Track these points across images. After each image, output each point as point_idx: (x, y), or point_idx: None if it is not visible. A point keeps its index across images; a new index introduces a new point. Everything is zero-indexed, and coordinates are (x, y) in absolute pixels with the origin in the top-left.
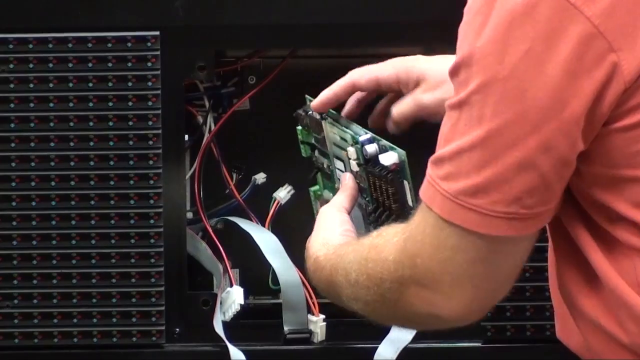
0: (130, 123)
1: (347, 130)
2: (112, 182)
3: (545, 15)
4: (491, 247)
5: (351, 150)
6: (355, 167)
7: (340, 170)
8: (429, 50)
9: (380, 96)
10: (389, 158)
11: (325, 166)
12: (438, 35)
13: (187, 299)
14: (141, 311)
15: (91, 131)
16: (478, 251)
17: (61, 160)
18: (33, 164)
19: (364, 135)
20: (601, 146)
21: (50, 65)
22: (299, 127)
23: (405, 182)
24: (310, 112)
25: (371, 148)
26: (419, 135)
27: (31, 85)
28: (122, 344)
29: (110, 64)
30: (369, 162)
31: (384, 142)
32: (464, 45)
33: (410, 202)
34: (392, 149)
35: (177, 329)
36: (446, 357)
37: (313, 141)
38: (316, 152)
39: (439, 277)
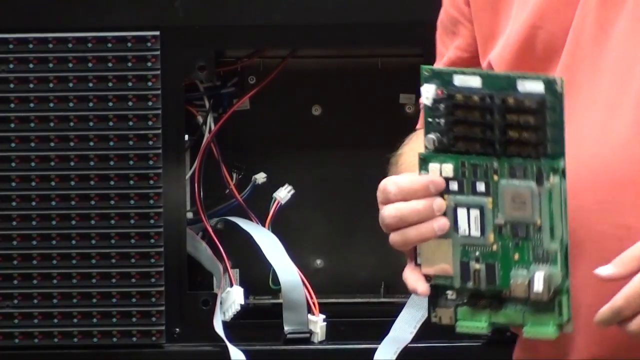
0: (130, 123)
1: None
2: (112, 182)
3: None
4: None
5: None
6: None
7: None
8: (429, 51)
9: None
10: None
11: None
12: None
13: (187, 299)
14: (141, 311)
15: (91, 131)
16: None
17: (61, 160)
18: (33, 164)
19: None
20: None
21: (50, 65)
22: None
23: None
24: None
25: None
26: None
27: (31, 85)
28: (122, 344)
29: (110, 64)
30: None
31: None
32: None
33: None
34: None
35: (177, 329)
36: (446, 357)
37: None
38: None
39: None
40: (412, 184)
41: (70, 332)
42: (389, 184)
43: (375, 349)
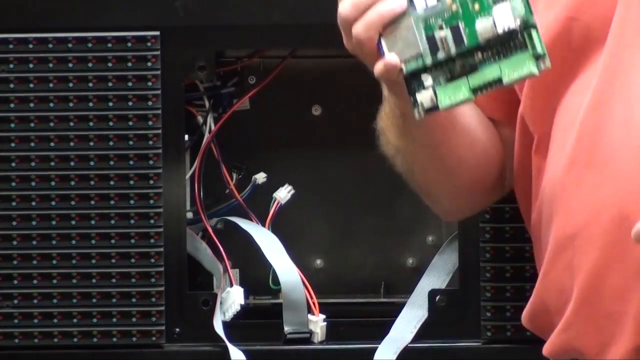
0: (130, 123)
1: None
2: (112, 182)
3: None
4: None
5: None
6: None
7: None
8: None
9: None
10: None
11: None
12: None
13: (187, 299)
14: (141, 311)
15: (91, 131)
16: None
17: (61, 160)
18: (33, 164)
19: None
20: None
21: (50, 65)
22: None
23: None
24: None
25: None
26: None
27: (31, 85)
28: (122, 344)
29: (110, 64)
30: None
31: None
32: None
33: None
34: None
35: (177, 329)
36: (446, 357)
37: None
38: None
39: None
40: None
41: (70, 332)
42: None
43: (375, 349)
